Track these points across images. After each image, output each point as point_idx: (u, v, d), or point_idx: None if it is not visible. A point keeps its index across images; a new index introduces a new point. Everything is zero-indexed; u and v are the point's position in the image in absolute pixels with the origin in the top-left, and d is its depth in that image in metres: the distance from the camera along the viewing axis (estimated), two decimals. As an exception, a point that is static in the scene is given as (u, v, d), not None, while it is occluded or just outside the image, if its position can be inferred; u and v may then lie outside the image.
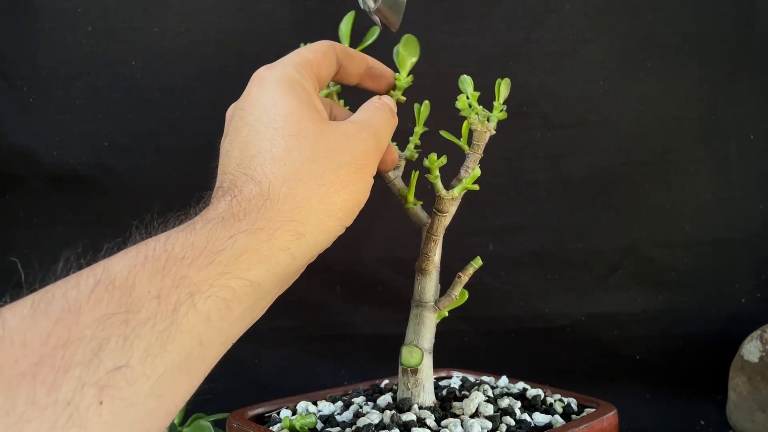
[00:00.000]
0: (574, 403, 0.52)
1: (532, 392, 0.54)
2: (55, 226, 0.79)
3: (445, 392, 0.53)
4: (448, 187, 0.48)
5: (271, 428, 0.49)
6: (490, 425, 0.46)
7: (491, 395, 0.52)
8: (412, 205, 0.50)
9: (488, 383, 0.56)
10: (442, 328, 0.51)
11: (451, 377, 0.60)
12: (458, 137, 0.48)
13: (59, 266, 0.32)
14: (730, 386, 0.73)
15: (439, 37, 0.78)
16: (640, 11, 0.80)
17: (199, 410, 0.64)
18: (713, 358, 0.80)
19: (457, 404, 0.50)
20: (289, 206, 0.36)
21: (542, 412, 0.50)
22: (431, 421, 0.46)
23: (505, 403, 0.50)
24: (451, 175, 0.48)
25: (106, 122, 0.77)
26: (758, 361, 0.69)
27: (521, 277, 0.83)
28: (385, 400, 0.51)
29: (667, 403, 0.81)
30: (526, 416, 0.49)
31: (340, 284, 0.83)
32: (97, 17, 0.76)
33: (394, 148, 0.48)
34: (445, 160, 0.46)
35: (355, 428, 0.46)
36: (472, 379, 0.58)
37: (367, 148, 0.40)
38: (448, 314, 0.50)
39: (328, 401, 0.54)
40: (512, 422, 0.48)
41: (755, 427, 0.70)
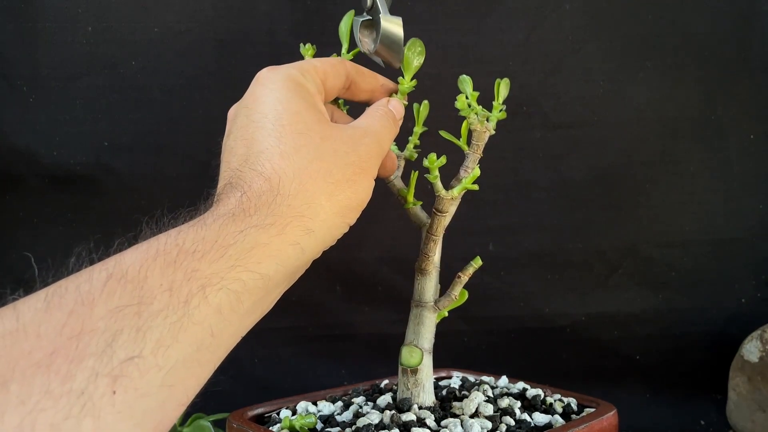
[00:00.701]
0: (574, 403, 0.52)
1: (531, 392, 0.54)
2: (55, 226, 0.79)
3: (445, 392, 0.53)
4: (447, 187, 0.48)
5: (271, 428, 0.49)
6: (489, 425, 0.46)
7: (491, 395, 0.53)
8: (411, 205, 0.50)
9: (488, 383, 0.56)
10: (442, 328, 0.51)
11: (451, 377, 0.60)
12: (458, 137, 0.48)
13: (71, 261, 0.33)
14: (730, 386, 0.73)
15: (439, 37, 0.78)
16: (640, 11, 0.80)
17: (199, 410, 0.64)
18: (713, 358, 0.80)
19: (457, 404, 0.50)
20: (299, 202, 0.37)
21: (542, 412, 0.50)
22: (431, 421, 0.46)
23: (504, 403, 0.50)
24: (451, 175, 0.48)
25: (106, 122, 0.77)
26: (758, 361, 0.69)
27: (521, 277, 0.83)
28: (385, 400, 0.51)
29: (667, 403, 0.81)
30: (526, 416, 0.49)
31: (340, 284, 0.83)
32: (97, 17, 0.76)
33: (393, 154, 0.48)
34: (444, 160, 0.46)
35: (354, 428, 0.46)
36: (472, 379, 0.58)
37: (370, 151, 0.42)
38: (448, 314, 0.50)
39: (328, 401, 0.54)
40: (512, 422, 0.48)
41: (755, 427, 0.70)
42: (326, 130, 0.40)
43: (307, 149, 0.38)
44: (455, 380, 0.58)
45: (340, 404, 0.53)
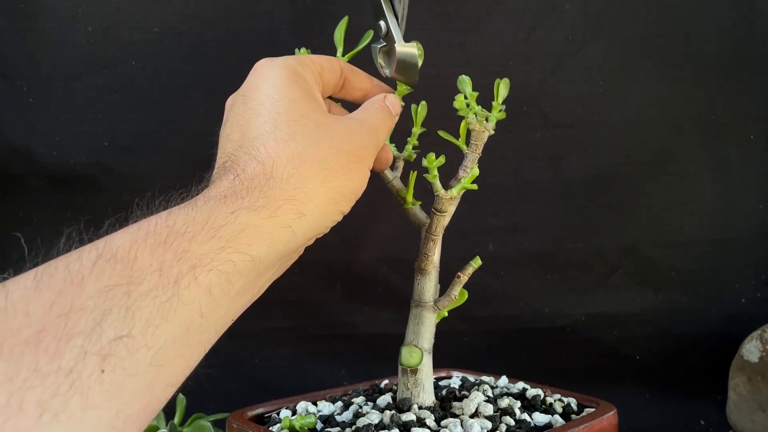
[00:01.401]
0: (573, 403, 0.52)
1: (531, 392, 0.54)
2: (55, 226, 0.78)
3: (444, 392, 0.52)
4: (446, 186, 0.48)
5: (270, 428, 0.49)
6: (489, 425, 0.46)
7: (491, 395, 0.53)
8: (410, 205, 0.50)
9: (488, 383, 0.56)
10: (442, 328, 0.51)
11: (450, 377, 0.60)
12: (458, 137, 0.48)
13: (61, 242, 0.32)
14: (730, 386, 0.73)
15: (439, 37, 0.78)
16: (640, 11, 0.80)
17: (199, 410, 0.64)
18: (713, 358, 0.80)
19: (456, 404, 0.50)
20: (292, 186, 0.37)
21: (542, 412, 0.50)
22: (431, 421, 0.46)
23: (504, 403, 0.50)
24: (450, 175, 0.48)
25: (106, 122, 0.77)
26: (758, 361, 0.69)
27: (521, 277, 0.83)
28: (384, 400, 0.51)
29: (667, 403, 0.81)
30: (525, 416, 0.49)
31: (340, 284, 0.83)
32: (97, 17, 0.76)
33: (389, 147, 0.48)
34: (443, 159, 0.46)
35: (354, 428, 0.46)
36: (471, 379, 0.58)
37: (366, 141, 0.42)
38: (447, 314, 0.50)
39: (327, 401, 0.54)
40: (512, 422, 0.48)
41: (755, 427, 0.70)
42: (322, 118, 0.40)
43: (302, 136, 0.39)
44: (455, 380, 0.58)
45: (340, 404, 0.53)
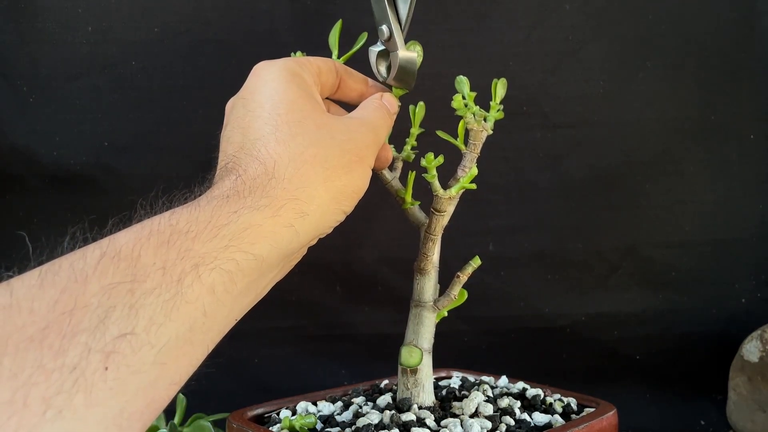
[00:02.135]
0: (573, 402, 0.52)
1: (531, 392, 0.54)
2: (55, 226, 0.78)
3: (444, 392, 0.53)
4: (445, 186, 0.48)
5: (270, 428, 0.49)
6: (489, 425, 0.46)
7: (491, 395, 0.53)
8: (409, 205, 0.50)
9: (488, 383, 0.56)
10: (441, 328, 0.51)
11: (450, 377, 0.60)
12: (457, 137, 0.48)
13: (65, 241, 0.33)
14: (730, 386, 0.73)
15: (439, 37, 0.78)
16: (640, 11, 0.80)
17: (199, 410, 0.64)
18: (713, 358, 0.80)
19: (456, 404, 0.50)
20: (294, 185, 0.37)
21: (542, 411, 0.50)
22: (431, 421, 0.46)
23: (504, 403, 0.50)
24: (449, 175, 0.48)
25: (106, 122, 0.77)
26: (758, 361, 0.69)
27: (521, 277, 0.83)
28: (384, 400, 0.51)
29: (667, 403, 0.81)
30: (525, 416, 0.49)
31: (340, 284, 0.83)
32: (97, 17, 0.76)
33: (388, 146, 0.49)
34: (442, 159, 0.46)
35: (354, 428, 0.46)
36: (471, 379, 0.58)
37: (366, 139, 0.42)
38: (447, 314, 0.50)
39: (327, 401, 0.54)
40: (512, 422, 0.48)
41: (755, 427, 0.70)
42: (323, 118, 0.41)
43: (303, 136, 0.39)
44: (455, 380, 0.58)
45: (340, 404, 0.53)
